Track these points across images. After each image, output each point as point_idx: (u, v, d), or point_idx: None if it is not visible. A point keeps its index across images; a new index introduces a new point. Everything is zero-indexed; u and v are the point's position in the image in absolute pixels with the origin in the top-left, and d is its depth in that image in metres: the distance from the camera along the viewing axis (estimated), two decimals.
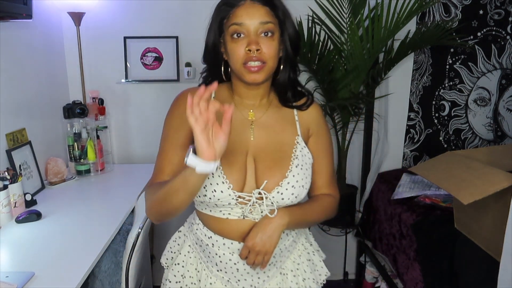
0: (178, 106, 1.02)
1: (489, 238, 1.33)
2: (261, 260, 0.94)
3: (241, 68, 0.91)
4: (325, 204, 1.07)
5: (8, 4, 1.46)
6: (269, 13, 0.92)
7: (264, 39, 0.90)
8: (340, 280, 2.58)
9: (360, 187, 2.39)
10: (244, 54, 0.90)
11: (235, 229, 0.97)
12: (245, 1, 0.91)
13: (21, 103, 1.77)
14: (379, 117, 2.31)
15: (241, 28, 0.90)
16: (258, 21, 0.90)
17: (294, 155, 0.99)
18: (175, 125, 1.01)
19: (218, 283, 1.02)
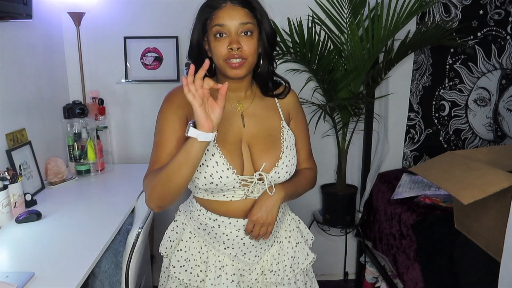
0: (172, 101, 1.10)
1: (489, 238, 1.33)
2: (265, 231, 1.07)
3: (223, 64, 1.00)
4: (308, 176, 1.21)
5: (8, 4, 1.46)
6: (248, 14, 1.00)
7: (244, 38, 0.99)
8: (340, 280, 2.58)
9: (360, 187, 2.39)
10: (226, 52, 0.98)
11: (239, 209, 1.08)
12: (226, 3, 1.00)
13: (21, 103, 1.77)
14: (379, 117, 2.31)
15: (223, 29, 0.98)
16: (238, 22, 0.99)
17: (283, 138, 1.11)
18: (170, 119, 1.06)
19: (226, 259, 1.12)
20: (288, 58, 2.11)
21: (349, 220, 2.20)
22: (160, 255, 1.38)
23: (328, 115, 2.04)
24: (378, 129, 2.34)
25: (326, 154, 2.41)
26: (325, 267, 2.58)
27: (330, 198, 2.23)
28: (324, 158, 2.41)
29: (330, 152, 2.40)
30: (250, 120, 1.10)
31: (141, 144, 2.34)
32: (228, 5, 0.99)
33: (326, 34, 2.09)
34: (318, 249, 2.61)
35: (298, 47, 2.02)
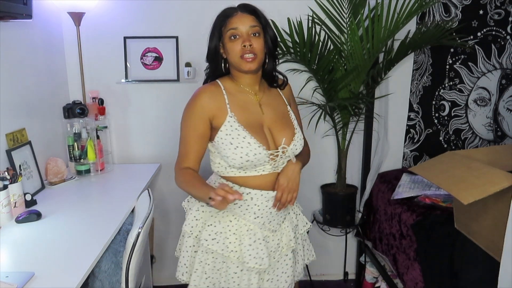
0: (199, 101, 1.28)
1: (489, 238, 1.33)
2: (291, 197, 1.29)
3: (239, 60, 1.24)
4: (308, 151, 1.49)
5: (8, 4, 1.46)
6: (255, 20, 1.26)
7: (254, 38, 1.24)
8: (340, 280, 2.58)
9: (360, 187, 2.39)
10: (240, 49, 1.23)
11: (268, 181, 1.29)
12: (237, 12, 1.25)
13: (21, 103, 1.77)
14: (379, 117, 2.31)
15: (236, 31, 1.24)
16: (248, 25, 1.24)
17: (291, 118, 1.38)
18: (197, 117, 1.27)
19: (255, 227, 1.30)
20: (288, 58, 2.11)
21: (349, 220, 2.20)
22: (160, 255, 1.38)
23: (328, 115, 2.04)
24: (378, 129, 2.34)
25: (326, 154, 2.41)
26: (325, 267, 2.58)
27: (330, 198, 2.23)
28: (324, 158, 2.41)
29: (330, 152, 2.40)
30: (266, 107, 1.33)
31: (141, 144, 2.34)
32: (239, 13, 1.25)
33: (326, 34, 2.09)
34: (318, 249, 2.62)
35: (298, 47, 2.02)
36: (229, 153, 1.23)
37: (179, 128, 2.31)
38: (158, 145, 2.35)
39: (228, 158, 1.24)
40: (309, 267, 2.51)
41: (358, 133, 2.31)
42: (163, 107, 2.30)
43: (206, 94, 1.28)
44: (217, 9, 2.36)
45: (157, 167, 2.22)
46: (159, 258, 2.50)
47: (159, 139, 2.34)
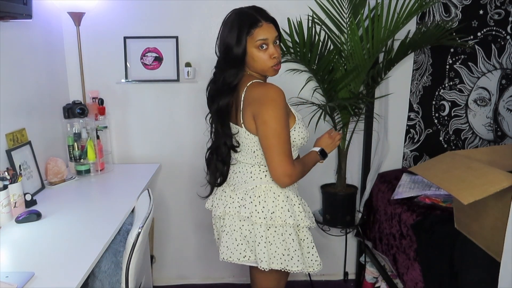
0: (284, 99, 1.32)
1: (489, 238, 1.33)
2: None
3: (269, 69, 1.37)
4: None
5: (8, 4, 1.46)
6: (276, 29, 1.36)
7: (276, 46, 1.36)
8: (340, 280, 2.58)
9: (360, 187, 2.39)
10: (270, 60, 1.35)
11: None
12: (262, 23, 1.32)
13: (21, 103, 1.77)
14: (379, 117, 2.31)
15: (265, 42, 1.33)
16: (273, 35, 1.34)
17: None
18: (286, 118, 1.32)
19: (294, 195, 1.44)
20: (288, 58, 2.11)
21: (349, 220, 2.20)
22: (160, 255, 1.38)
23: (328, 115, 2.04)
24: (378, 129, 2.34)
25: None
26: (325, 267, 2.56)
27: (330, 198, 2.23)
28: None
29: (330, 152, 2.40)
30: None
31: (141, 144, 2.34)
32: (264, 24, 1.32)
33: (326, 34, 2.09)
34: (318, 249, 2.62)
35: (298, 47, 2.02)
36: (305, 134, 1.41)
37: (179, 128, 2.33)
38: (158, 145, 2.35)
39: (304, 138, 1.41)
40: None
41: (358, 133, 2.31)
42: (163, 107, 2.30)
43: (283, 93, 1.32)
44: (217, 9, 2.36)
45: (157, 167, 2.22)
46: (159, 258, 2.51)
47: (159, 139, 2.34)
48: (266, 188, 1.39)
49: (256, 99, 1.31)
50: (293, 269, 1.36)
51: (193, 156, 2.35)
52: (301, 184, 2.42)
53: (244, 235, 1.40)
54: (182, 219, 2.46)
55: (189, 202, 2.43)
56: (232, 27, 1.32)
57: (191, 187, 2.39)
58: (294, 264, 1.36)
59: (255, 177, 1.41)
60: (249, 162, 1.43)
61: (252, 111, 1.32)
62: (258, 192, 1.38)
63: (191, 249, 2.50)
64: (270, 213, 1.35)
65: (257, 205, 1.36)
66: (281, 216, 1.35)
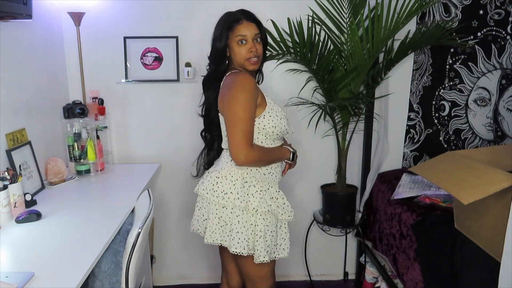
0: (253, 84, 1.43)
1: (489, 238, 1.33)
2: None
3: (246, 62, 1.48)
4: None
5: (8, 4, 1.46)
6: (257, 28, 1.49)
7: (257, 43, 1.49)
8: (340, 280, 2.58)
9: (360, 187, 2.39)
10: (247, 53, 1.47)
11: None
12: (243, 20, 1.46)
13: (21, 103, 1.77)
14: (379, 117, 2.31)
15: (244, 37, 1.46)
16: (253, 33, 1.48)
17: None
18: (252, 99, 1.41)
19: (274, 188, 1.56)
20: (288, 58, 2.11)
21: (349, 220, 2.20)
22: (160, 255, 1.38)
23: (328, 115, 2.04)
24: (378, 129, 2.34)
25: (326, 154, 2.41)
26: (325, 267, 2.58)
27: (330, 198, 2.23)
28: (324, 158, 2.41)
29: (330, 152, 2.41)
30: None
31: (141, 144, 2.34)
32: (245, 22, 1.46)
33: (326, 34, 2.09)
34: (318, 249, 2.62)
35: (298, 47, 2.02)
36: (277, 123, 1.48)
37: (179, 128, 2.33)
38: (158, 145, 2.35)
39: (276, 127, 1.48)
40: (309, 267, 2.52)
41: (358, 133, 2.31)
42: (163, 107, 2.30)
43: (253, 79, 1.46)
44: (217, 9, 2.37)
45: (157, 167, 2.22)
46: (159, 258, 2.51)
47: (159, 139, 2.34)
48: (227, 171, 1.50)
49: (226, 83, 1.47)
50: (232, 249, 1.46)
51: (193, 156, 2.33)
52: (301, 183, 2.43)
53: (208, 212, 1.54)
54: (182, 219, 2.46)
55: (189, 202, 2.43)
56: (219, 24, 1.51)
57: (191, 187, 2.39)
58: (234, 245, 1.46)
59: (223, 161, 1.54)
60: (225, 147, 1.57)
61: (222, 95, 1.48)
62: (220, 174, 1.51)
63: (191, 249, 2.50)
64: (223, 194, 1.47)
65: (214, 185, 1.50)
66: (234, 198, 1.46)
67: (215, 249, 2.52)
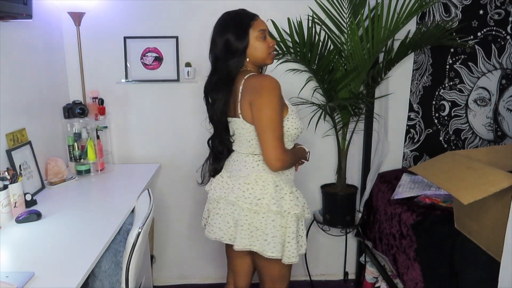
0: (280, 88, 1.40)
1: (489, 238, 1.33)
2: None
3: (268, 56, 1.49)
4: None
5: (8, 4, 1.46)
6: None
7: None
8: (340, 280, 2.58)
9: (360, 187, 2.39)
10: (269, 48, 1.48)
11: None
12: (257, 16, 1.47)
13: (21, 103, 1.77)
14: (379, 117, 2.31)
15: (265, 32, 1.46)
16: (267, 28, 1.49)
17: None
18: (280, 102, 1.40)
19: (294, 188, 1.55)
20: (288, 58, 2.11)
21: (349, 220, 2.20)
22: (160, 255, 1.37)
23: (328, 115, 2.04)
24: (378, 129, 2.34)
25: (326, 154, 2.41)
26: (325, 267, 2.58)
27: (330, 198, 2.23)
28: (324, 158, 2.41)
29: (330, 152, 2.40)
30: None
31: (141, 144, 2.34)
32: (258, 17, 1.47)
33: (326, 34, 2.09)
34: (318, 249, 2.62)
35: (298, 47, 2.02)
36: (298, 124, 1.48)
37: (179, 128, 2.33)
38: (158, 145, 2.35)
39: (297, 129, 1.48)
40: (309, 267, 2.52)
41: (358, 133, 2.31)
42: (163, 107, 2.30)
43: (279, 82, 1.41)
44: (217, 9, 2.36)
45: (157, 167, 2.22)
46: (159, 258, 2.51)
47: (159, 139, 2.34)
48: (256, 176, 1.46)
49: (253, 88, 1.40)
50: (268, 254, 1.43)
51: (193, 156, 2.35)
52: (301, 184, 2.43)
53: (236, 219, 1.49)
54: (182, 219, 2.46)
55: (189, 202, 2.43)
56: (230, 25, 1.45)
57: (191, 187, 2.40)
58: (269, 249, 1.43)
59: (248, 166, 1.49)
60: (244, 152, 1.51)
61: (249, 100, 1.40)
62: (248, 180, 1.46)
63: (191, 249, 2.50)
64: (256, 200, 1.43)
65: (245, 191, 1.45)
66: (267, 203, 1.42)
67: (215, 249, 2.53)
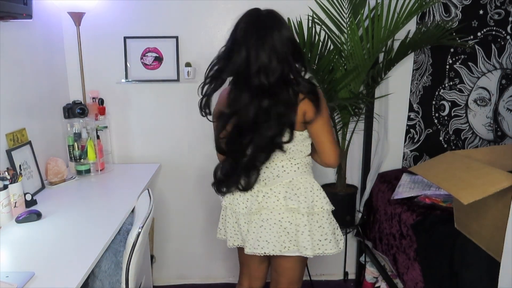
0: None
1: (489, 238, 1.33)
2: None
3: None
4: None
5: (8, 4, 1.46)
6: None
7: None
8: (340, 280, 2.58)
9: (360, 187, 2.39)
10: None
11: None
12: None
13: (21, 103, 1.77)
14: (379, 117, 2.31)
15: None
16: None
17: None
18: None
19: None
20: None
21: (349, 220, 2.20)
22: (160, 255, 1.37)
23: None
24: (378, 129, 2.34)
25: None
26: (325, 267, 2.58)
27: (330, 198, 2.21)
28: None
29: None
30: None
31: (141, 144, 2.34)
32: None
33: (326, 34, 2.09)
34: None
35: None
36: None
37: (179, 128, 2.34)
38: (158, 145, 2.35)
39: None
40: (309, 267, 2.52)
41: (358, 133, 2.31)
42: (163, 107, 2.30)
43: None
44: (217, 9, 2.37)
45: (157, 167, 2.22)
46: (159, 258, 2.50)
47: (159, 139, 2.34)
48: (302, 179, 1.46)
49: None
50: (329, 252, 1.45)
51: (193, 156, 2.35)
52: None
53: (284, 227, 1.42)
54: (182, 219, 2.46)
55: (189, 202, 2.43)
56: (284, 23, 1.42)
57: (191, 187, 2.40)
58: (330, 248, 1.45)
59: (289, 171, 1.45)
60: (278, 158, 1.44)
61: (304, 109, 1.35)
62: (296, 185, 1.44)
63: (191, 249, 2.50)
64: (310, 202, 1.44)
65: (300, 196, 1.43)
66: (321, 205, 1.46)
67: (215, 249, 2.53)
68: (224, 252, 2.48)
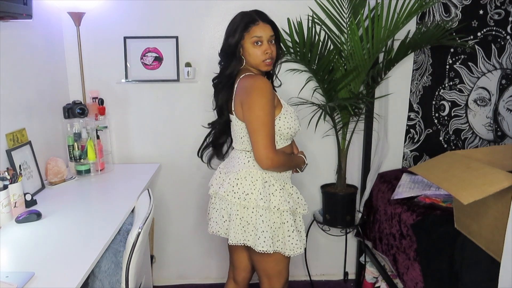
0: (270, 88, 1.45)
1: (489, 238, 1.33)
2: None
3: (261, 63, 1.50)
4: None
5: (8, 4, 1.46)
6: (272, 29, 1.50)
7: (271, 45, 1.51)
8: (340, 280, 2.58)
9: (360, 187, 2.39)
10: (263, 55, 1.49)
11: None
12: (259, 22, 1.48)
13: (21, 103, 1.77)
14: (379, 117, 2.31)
15: (260, 39, 1.48)
16: (269, 34, 1.49)
17: None
18: (272, 103, 1.44)
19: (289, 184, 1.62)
20: (288, 58, 2.11)
21: (349, 220, 2.20)
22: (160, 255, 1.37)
23: (328, 115, 2.04)
24: (378, 129, 2.34)
25: (326, 154, 2.41)
26: (325, 267, 2.58)
27: (330, 198, 2.23)
28: (324, 158, 2.41)
29: (330, 152, 2.40)
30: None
31: (141, 144, 2.34)
32: (261, 23, 1.47)
33: (326, 34, 2.09)
34: (318, 249, 2.61)
35: (298, 47, 2.02)
36: (292, 124, 1.52)
37: (179, 128, 2.33)
38: (158, 145, 2.35)
39: (291, 128, 1.52)
40: (309, 267, 2.52)
41: (358, 133, 2.31)
42: (163, 107, 2.30)
43: (269, 82, 1.48)
44: (217, 9, 2.37)
45: (157, 167, 2.22)
46: (159, 258, 2.51)
47: (159, 139, 2.34)
48: (246, 172, 1.52)
49: (244, 88, 1.46)
50: (258, 248, 1.47)
51: (193, 156, 2.34)
52: (301, 183, 2.43)
53: (229, 213, 1.55)
54: (182, 219, 2.46)
55: (189, 202, 2.43)
56: (233, 24, 1.51)
57: (191, 187, 2.40)
58: (260, 244, 1.47)
59: (240, 162, 1.56)
60: (238, 148, 1.59)
61: (240, 99, 1.46)
62: (239, 175, 1.52)
63: (191, 249, 2.51)
64: (245, 195, 1.49)
65: (234, 186, 1.51)
66: (255, 199, 1.48)
67: (215, 249, 2.53)
68: (224, 252, 2.48)
